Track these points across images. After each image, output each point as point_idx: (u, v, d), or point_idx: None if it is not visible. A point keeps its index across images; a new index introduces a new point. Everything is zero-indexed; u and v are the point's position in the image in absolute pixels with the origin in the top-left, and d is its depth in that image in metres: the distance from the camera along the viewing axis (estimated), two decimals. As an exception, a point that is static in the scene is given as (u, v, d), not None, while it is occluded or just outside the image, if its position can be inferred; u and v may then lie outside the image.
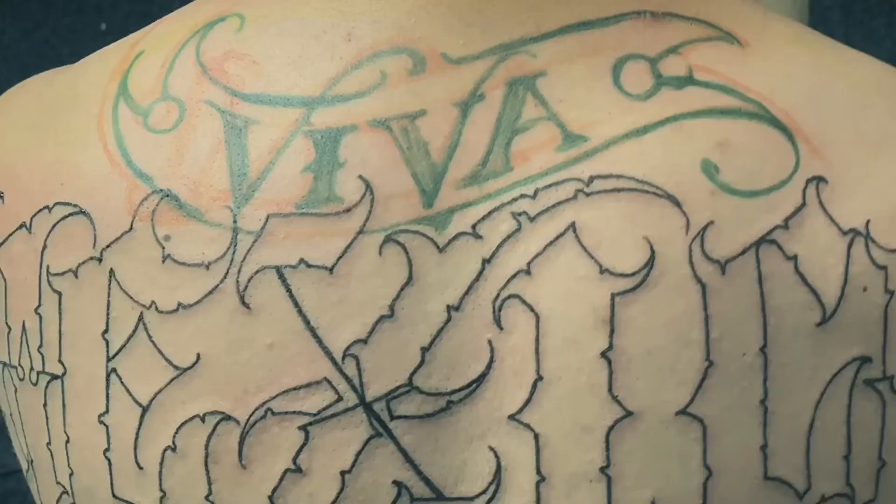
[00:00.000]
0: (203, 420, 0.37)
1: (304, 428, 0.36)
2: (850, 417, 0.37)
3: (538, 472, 0.36)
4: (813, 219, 0.37)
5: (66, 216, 0.39)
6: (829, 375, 0.37)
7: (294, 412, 0.36)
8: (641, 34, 0.38)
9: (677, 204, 0.36)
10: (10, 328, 0.42)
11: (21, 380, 0.42)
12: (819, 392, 0.37)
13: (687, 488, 0.36)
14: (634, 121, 0.37)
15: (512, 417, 0.36)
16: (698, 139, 0.36)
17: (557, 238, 0.36)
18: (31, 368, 0.41)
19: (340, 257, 0.36)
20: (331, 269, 0.36)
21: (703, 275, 0.36)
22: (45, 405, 0.41)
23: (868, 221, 0.37)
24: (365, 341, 0.36)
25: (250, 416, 0.37)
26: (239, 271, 0.36)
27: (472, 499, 0.37)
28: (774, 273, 0.36)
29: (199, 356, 0.37)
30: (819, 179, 0.37)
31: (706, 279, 0.36)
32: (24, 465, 0.44)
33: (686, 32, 0.38)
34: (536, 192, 0.36)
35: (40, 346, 0.40)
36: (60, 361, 0.40)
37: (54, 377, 0.40)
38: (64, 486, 0.41)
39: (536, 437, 0.36)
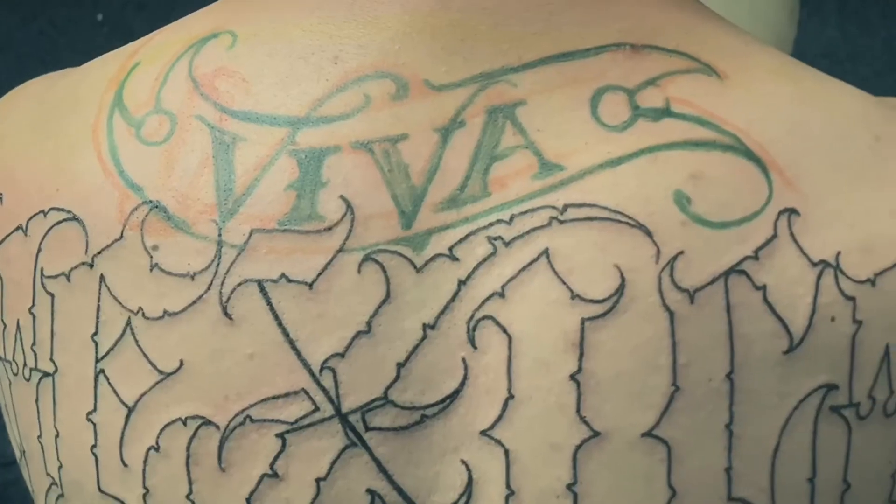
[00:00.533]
0: (185, 423, 0.38)
1: (281, 436, 0.38)
2: (815, 442, 0.38)
3: (508, 486, 0.37)
4: (783, 250, 0.37)
5: (61, 221, 0.41)
6: (796, 402, 0.38)
7: (272, 420, 0.38)
8: (621, 66, 0.39)
9: (648, 234, 0.37)
10: (5, 325, 0.43)
11: (15, 375, 0.43)
12: (785, 418, 0.38)
13: None
14: (610, 151, 0.37)
15: (484, 433, 0.37)
16: (672, 171, 0.37)
17: (531, 263, 0.37)
18: (25, 365, 0.42)
19: (320, 274, 0.37)
20: (310, 285, 0.37)
21: (671, 303, 0.37)
22: (37, 400, 0.42)
23: (839, 253, 0.38)
24: (342, 355, 0.37)
25: (230, 421, 0.38)
26: (222, 283, 0.38)
27: None
28: (743, 302, 0.37)
29: (182, 362, 0.38)
30: (791, 212, 0.38)
31: (675, 307, 0.37)
32: (17, 455, 0.46)
33: (665, 65, 0.39)
34: (512, 217, 0.37)
35: (33, 345, 0.42)
36: (52, 360, 0.41)
37: (46, 374, 0.42)
38: (53, 478, 0.42)
39: (507, 452, 0.37)
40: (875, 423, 0.39)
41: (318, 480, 0.38)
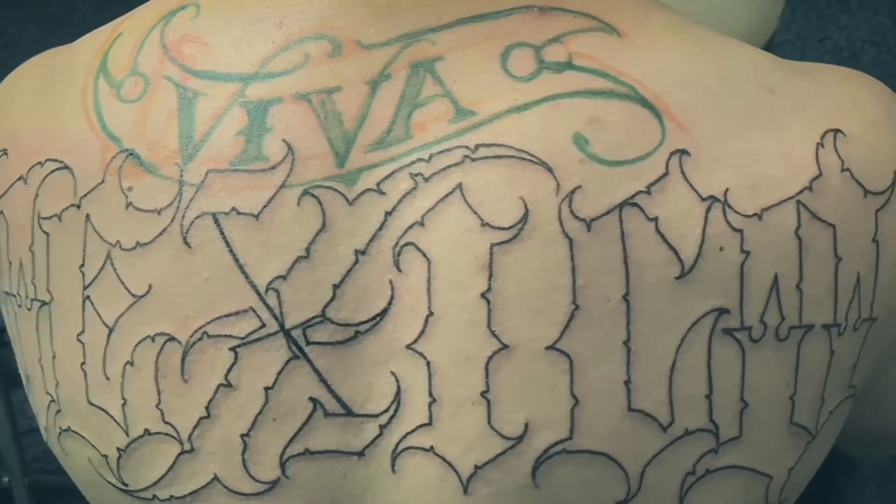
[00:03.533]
0: (153, 340, 0.44)
1: (233, 349, 0.43)
2: (710, 361, 0.42)
3: (430, 394, 0.42)
4: (674, 186, 0.42)
5: (55, 170, 0.46)
6: (689, 323, 0.42)
7: (225, 335, 0.43)
8: (529, 25, 0.43)
9: (550, 170, 0.41)
10: (10, 263, 0.49)
11: (19, 306, 0.49)
12: (679, 337, 0.42)
13: (556, 414, 0.41)
14: (517, 99, 0.42)
15: (409, 346, 0.42)
16: (572, 115, 0.42)
17: (447, 196, 0.42)
18: (27, 296, 0.48)
19: (265, 206, 0.42)
20: (257, 216, 0.42)
21: (570, 231, 0.41)
22: (37, 328, 0.48)
23: (727, 190, 0.42)
24: (285, 277, 0.42)
25: (190, 337, 0.43)
26: (183, 217, 0.43)
27: (376, 415, 0.43)
28: (637, 231, 0.41)
29: (150, 286, 0.44)
30: (682, 152, 0.42)
31: (573, 234, 0.41)
32: (24, 382, 0.52)
33: (569, 24, 0.44)
34: (431, 156, 0.42)
35: (33, 278, 0.48)
36: (48, 290, 0.47)
37: (44, 304, 0.47)
38: (52, 395, 0.48)
39: (428, 364, 0.42)
40: (768, 346, 0.43)
41: (266, 389, 0.43)
